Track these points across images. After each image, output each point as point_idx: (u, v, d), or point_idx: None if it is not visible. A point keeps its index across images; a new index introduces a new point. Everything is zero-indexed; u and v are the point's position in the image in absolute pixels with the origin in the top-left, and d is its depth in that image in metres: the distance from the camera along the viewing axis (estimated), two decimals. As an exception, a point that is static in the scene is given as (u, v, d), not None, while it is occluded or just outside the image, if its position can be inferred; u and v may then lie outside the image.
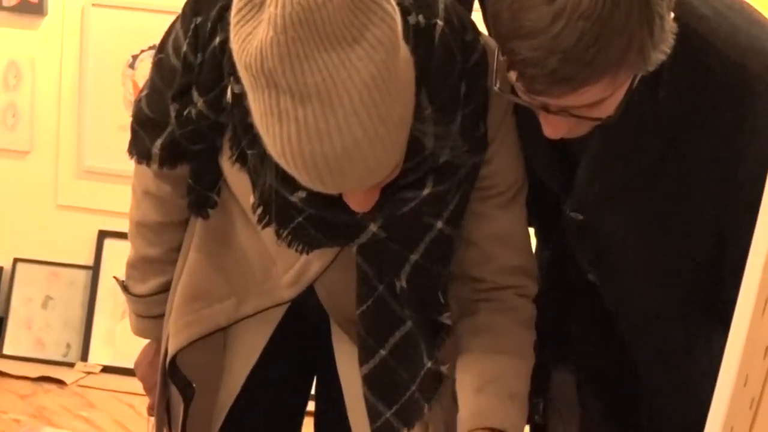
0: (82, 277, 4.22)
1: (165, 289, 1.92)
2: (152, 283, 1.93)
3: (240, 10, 1.33)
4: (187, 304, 1.83)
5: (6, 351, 4.20)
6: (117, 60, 4.09)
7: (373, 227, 1.60)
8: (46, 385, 4.01)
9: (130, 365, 3.93)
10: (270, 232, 1.68)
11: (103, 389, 3.96)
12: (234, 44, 1.35)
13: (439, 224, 1.64)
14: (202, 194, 1.78)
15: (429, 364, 1.72)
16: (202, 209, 1.80)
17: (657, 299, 1.71)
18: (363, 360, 1.74)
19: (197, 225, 1.83)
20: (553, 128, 1.49)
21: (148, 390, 2.05)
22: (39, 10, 4.09)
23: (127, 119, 3.92)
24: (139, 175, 1.85)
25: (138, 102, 1.76)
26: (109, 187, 4.10)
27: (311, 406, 2.04)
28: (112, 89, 4.10)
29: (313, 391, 2.04)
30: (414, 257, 1.66)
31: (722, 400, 1.02)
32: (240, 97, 1.48)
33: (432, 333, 1.72)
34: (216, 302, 1.83)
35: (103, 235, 4.17)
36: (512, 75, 1.42)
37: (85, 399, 3.88)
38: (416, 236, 1.64)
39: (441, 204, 1.62)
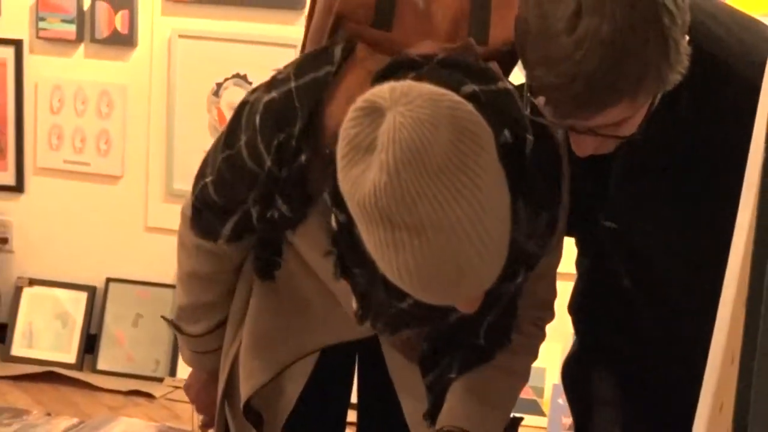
0: (170, 295, 4.36)
1: (219, 326, 1.98)
2: (206, 324, 1.99)
3: (346, 154, 1.38)
4: (254, 349, 1.90)
5: (100, 366, 4.38)
6: (202, 88, 4.24)
7: (456, 315, 1.64)
8: (136, 399, 4.18)
9: (216, 380, 4.11)
10: (334, 285, 1.77)
11: (190, 402, 4.08)
12: (344, 185, 1.39)
13: (512, 288, 1.72)
14: (269, 261, 1.86)
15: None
16: (268, 274, 1.88)
17: (694, 300, 1.80)
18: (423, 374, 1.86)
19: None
20: (581, 147, 1.59)
21: (201, 410, 2.14)
22: (129, 41, 4.27)
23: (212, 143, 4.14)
24: (188, 232, 1.87)
25: (204, 187, 1.78)
26: (195, 210, 4.24)
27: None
28: (199, 116, 4.25)
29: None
30: (488, 319, 1.74)
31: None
32: (345, 225, 1.52)
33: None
34: (280, 344, 1.90)
35: (190, 255, 4.32)
36: (540, 100, 1.52)
37: (172, 411, 4.02)
38: (493, 303, 1.70)
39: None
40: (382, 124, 1.35)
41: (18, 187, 4.45)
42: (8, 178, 4.45)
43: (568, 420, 4.04)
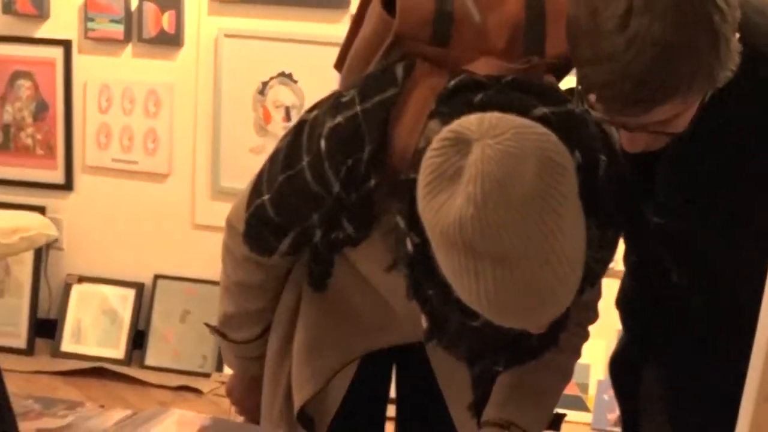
0: (217, 292, 4.39)
1: (264, 332, 2.00)
2: (253, 330, 2.00)
3: (429, 183, 1.40)
4: (306, 358, 1.92)
5: (148, 362, 4.43)
6: (248, 86, 4.28)
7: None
8: (185, 394, 4.24)
9: (262, 376, 4.15)
10: (393, 297, 1.81)
11: (233, 405, 4.12)
12: (426, 212, 1.41)
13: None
14: (324, 272, 1.88)
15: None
16: (321, 285, 1.90)
17: (744, 294, 1.80)
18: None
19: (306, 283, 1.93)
20: (632, 143, 1.60)
21: (243, 413, 2.16)
22: (176, 41, 4.32)
23: (258, 142, 4.19)
24: (237, 243, 1.87)
25: (261, 205, 1.77)
26: (241, 207, 4.28)
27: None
28: (244, 114, 4.29)
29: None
30: None
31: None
32: (420, 247, 1.52)
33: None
34: (331, 351, 1.92)
35: (236, 252, 4.37)
36: (592, 98, 1.54)
37: (219, 407, 4.06)
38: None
39: None
40: (470, 156, 1.37)
41: (67, 186, 4.52)
42: (58, 176, 4.51)
43: (612, 416, 4.05)
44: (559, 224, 1.36)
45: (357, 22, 1.81)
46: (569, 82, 1.68)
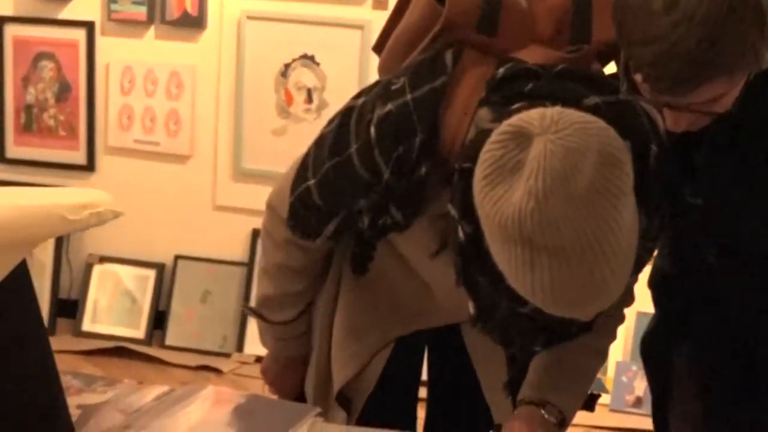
0: (237, 273, 4.47)
1: (303, 313, 2.02)
2: (291, 311, 2.01)
3: (488, 175, 1.41)
4: (346, 339, 1.95)
5: (168, 342, 4.47)
6: (270, 68, 4.31)
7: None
8: (205, 374, 4.28)
9: (282, 356, 4.18)
10: (436, 282, 1.84)
11: (258, 378, 4.13)
12: (484, 203, 1.42)
13: None
14: (366, 257, 1.90)
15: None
16: (363, 269, 1.92)
17: None
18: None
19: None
20: (676, 122, 1.62)
21: (278, 393, 2.17)
22: (199, 23, 4.35)
23: (279, 124, 4.23)
24: (279, 226, 1.88)
25: (306, 190, 1.78)
26: (263, 189, 4.22)
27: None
28: (266, 96, 4.32)
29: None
30: None
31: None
32: (472, 236, 1.54)
33: None
34: (370, 334, 1.95)
35: (256, 233, 4.38)
36: (638, 77, 1.56)
37: (240, 386, 4.08)
38: None
39: None
40: (531, 150, 1.38)
41: (89, 167, 4.55)
42: (80, 157, 4.54)
43: (631, 397, 4.08)
44: (616, 218, 1.38)
45: (401, 7, 1.83)
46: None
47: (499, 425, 1.86)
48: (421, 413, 2.17)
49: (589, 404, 1.91)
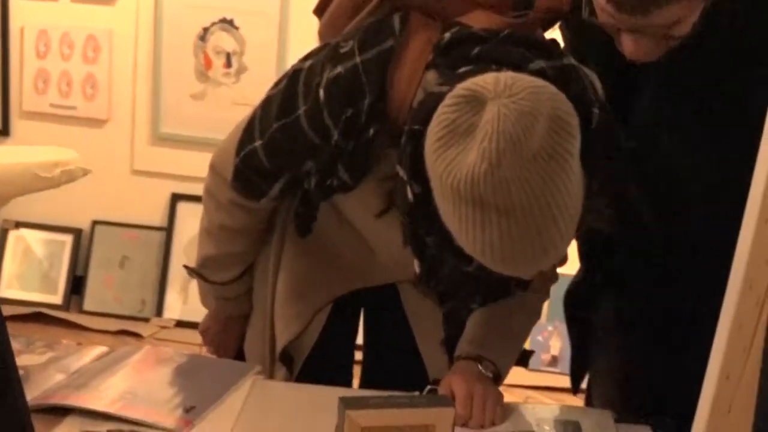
0: (156, 237, 4.46)
1: (244, 273, 2.05)
2: (233, 271, 2.04)
3: (442, 137, 1.45)
4: (289, 297, 1.99)
5: (86, 307, 4.46)
6: (189, 32, 4.30)
7: None
8: (125, 338, 4.27)
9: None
10: (378, 242, 1.88)
11: (178, 341, 4.19)
12: (436, 164, 1.45)
13: None
14: (309, 217, 1.94)
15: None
16: (306, 229, 1.96)
17: (713, 234, 1.88)
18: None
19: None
20: (635, 49, 1.64)
21: (216, 353, 2.19)
22: (116, -15, 4.30)
23: (198, 88, 4.22)
24: (223, 187, 1.90)
25: (252, 151, 1.81)
26: (181, 153, 4.31)
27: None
28: (185, 60, 4.31)
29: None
30: None
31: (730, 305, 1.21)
32: (420, 196, 1.57)
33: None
34: (314, 292, 1.99)
35: (175, 198, 4.40)
36: (601, 1, 1.58)
37: (161, 351, 4.09)
38: None
39: None
40: (484, 114, 1.42)
41: (4, 131, 4.50)
42: (-6, 121, 4.49)
43: (547, 356, 4.17)
44: (564, 181, 1.43)
45: None
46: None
47: (436, 380, 1.91)
48: (356, 375, 2.22)
49: (523, 360, 1.97)
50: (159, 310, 4.40)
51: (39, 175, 0.85)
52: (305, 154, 1.77)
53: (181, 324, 4.35)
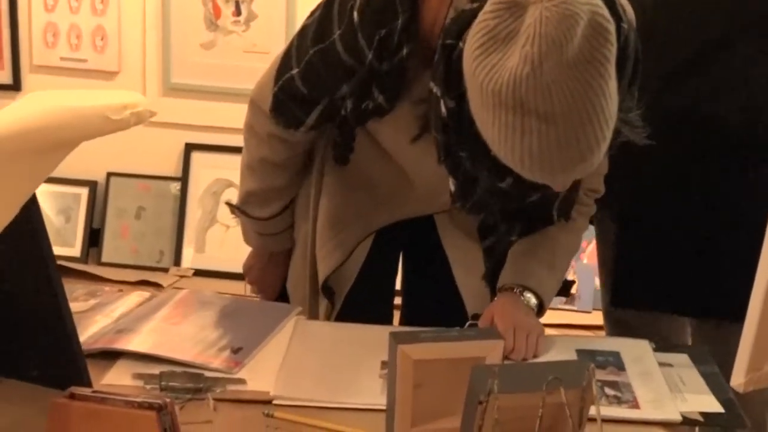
0: (171, 187, 4.47)
1: (286, 208, 2.10)
2: (275, 206, 2.09)
3: (483, 44, 1.46)
4: (329, 229, 2.03)
5: (104, 259, 4.47)
6: (197, -19, 4.26)
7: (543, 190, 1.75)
8: (145, 289, 4.27)
9: (219, 268, 4.23)
10: (414, 169, 1.90)
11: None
12: (477, 73, 1.47)
13: None
14: (347, 146, 1.97)
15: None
16: (344, 159, 1.99)
17: None
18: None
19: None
20: None
21: (260, 290, 2.24)
22: (123, -65, 4.28)
23: (208, 37, 4.21)
24: (262, 120, 1.96)
25: (290, 79, 1.86)
26: (193, 103, 4.31)
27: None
28: (194, 9, 4.28)
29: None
30: (562, 193, 1.85)
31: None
32: (454, 111, 1.62)
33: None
34: (353, 223, 2.02)
35: (189, 147, 4.40)
36: None
37: (182, 300, 4.12)
38: None
39: None
40: (526, 18, 1.44)
41: (15, 86, 4.48)
42: (5, 76, 4.47)
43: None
44: (602, 86, 1.46)
45: None
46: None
47: (477, 315, 1.94)
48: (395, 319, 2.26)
49: (565, 290, 2.00)
50: (177, 260, 4.42)
51: (110, 118, 0.86)
52: (340, 78, 1.79)
53: (199, 273, 4.37)
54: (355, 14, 1.72)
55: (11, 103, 1.08)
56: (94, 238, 4.51)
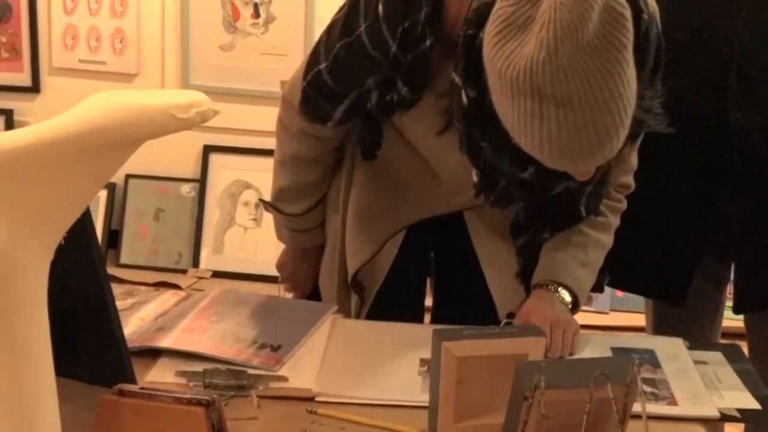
0: (188, 189, 4.49)
1: (317, 204, 2.13)
2: (307, 203, 2.12)
3: (500, 31, 1.49)
4: (359, 223, 2.05)
5: (123, 261, 4.49)
6: (216, -17, 4.28)
7: (566, 182, 1.78)
8: (165, 290, 4.29)
9: (238, 270, 4.24)
10: (441, 164, 1.92)
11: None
12: (495, 60, 1.49)
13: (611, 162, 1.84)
14: (373, 141, 2.00)
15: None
16: (371, 154, 2.02)
17: None
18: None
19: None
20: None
21: (293, 288, 2.26)
22: (142, -61, 4.29)
23: (227, 39, 4.22)
24: (293, 117, 1.99)
25: (318, 74, 1.89)
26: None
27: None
28: (213, 11, 4.29)
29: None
30: (588, 188, 1.88)
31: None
32: (475, 100, 1.66)
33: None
34: (381, 219, 2.04)
35: (207, 149, 4.42)
36: None
37: (201, 301, 4.13)
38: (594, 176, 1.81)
39: None
40: (542, 4, 1.46)
41: (34, 88, 4.50)
42: (24, 78, 4.49)
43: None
44: (619, 72, 1.48)
45: None
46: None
47: (512, 313, 1.96)
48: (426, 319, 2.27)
49: (599, 286, 2.01)
50: (196, 261, 4.43)
51: (176, 116, 0.87)
52: (366, 70, 1.82)
53: (217, 274, 4.38)
54: (380, 7, 1.76)
55: (78, 104, 1.10)
56: (112, 239, 4.52)
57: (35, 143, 1.07)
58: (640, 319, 3.68)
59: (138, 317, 1.91)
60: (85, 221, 1.45)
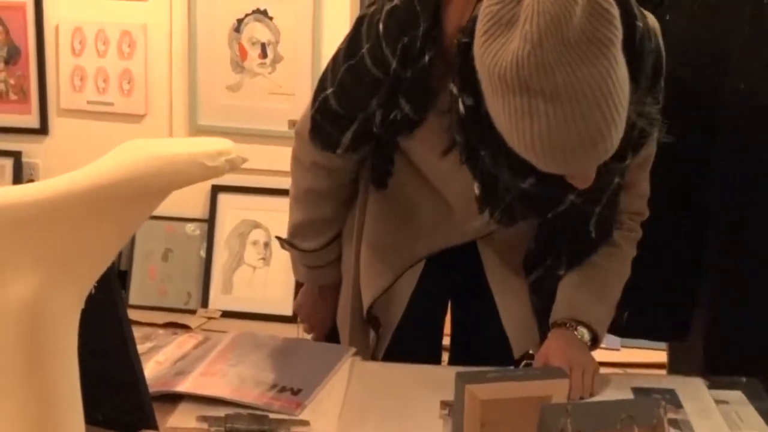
0: (198, 230, 4.49)
1: (333, 240, 2.13)
2: (323, 238, 2.13)
3: (487, 30, 1.52)
4: (372, 254, 2.05)
5: (132, 301, 4.48)
6: (223, 24, 4.28)
7: (571, 197, 1.81)
8: (181, 332, 4.28)
9: (247, 310, 4.23)
10: (448, 188, 1.93)
11: (225, 332, 4.16)
12: (484, 59, 1.53)
13: (617, 179, 1.87)
14: (383, 169, 2.01)
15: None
16: (382, 182, 2.03)
17: None
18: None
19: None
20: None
21: (312, 328, 2.26)
22: (149, -19, 4.31)
23: (234, 79, 4.24)
24: (305, 150, 2.02)
25: (324, 99, 1.93)
26: (219, 145, 4.33)
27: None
28: (220, 52, 4.30)
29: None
30: (597, 209, 1.89)
31: None
32: (472, 108, 1.67)
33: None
34: (395, 251, 2.04)
35: (216, 189, 4.42)
36: None
37: (211, 341, 4.12)
38: (601, 192, 1.85)
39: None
40: (525, 0, 1.48)
41: (42, 130, 4.50)
42: (32, 120, 4.50)
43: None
44: (607, 67, 1.49)
45: None
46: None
47: (529, 354, 1.95)
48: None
49: (617, 321, 2.01)
50: (204, 302, 4.42)
51: (205, 165, 0.87)
52: (370, 91, 1.85)
53: (226, 314, 4.37)
54: (381, 26, 1.79)
55: (107, 153, 1.11)
56: (121, 280, 4.52)
57: (65, 194, 1.07)
58: (651, 356, 3.69)
59: (156, 361, 1.91)
60: (108, 268, 1.45)
